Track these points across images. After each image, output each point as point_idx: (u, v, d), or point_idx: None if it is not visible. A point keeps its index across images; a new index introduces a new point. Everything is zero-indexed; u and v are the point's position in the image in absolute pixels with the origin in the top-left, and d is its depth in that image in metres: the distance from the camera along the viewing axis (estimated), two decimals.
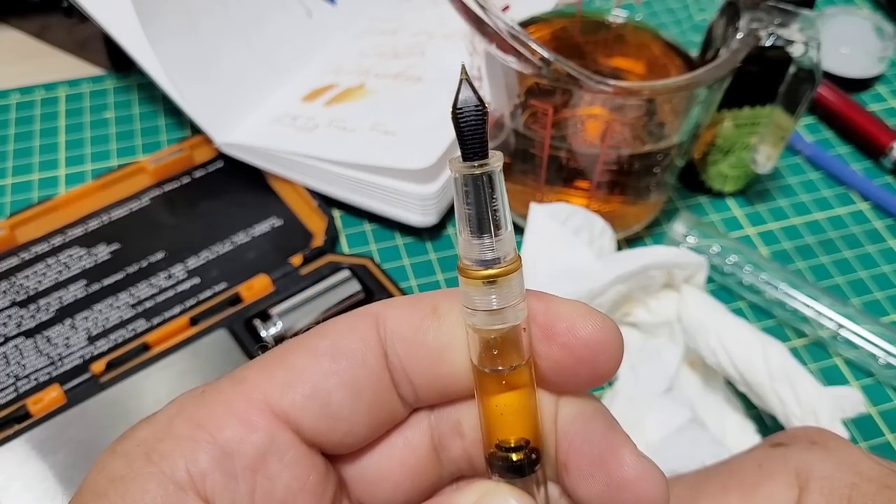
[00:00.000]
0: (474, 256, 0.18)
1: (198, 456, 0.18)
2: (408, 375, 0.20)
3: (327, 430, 0.19)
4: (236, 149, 0.50)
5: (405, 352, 0.20)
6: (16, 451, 0.38)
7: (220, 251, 0.47)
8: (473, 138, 0.17)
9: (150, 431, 0.19)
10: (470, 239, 0.18)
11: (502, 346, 0.18)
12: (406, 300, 0.21)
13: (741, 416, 0.40)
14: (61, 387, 0.40)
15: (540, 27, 0.49)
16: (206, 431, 0.18)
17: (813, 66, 0.41)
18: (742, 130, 0.48)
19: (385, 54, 0.55)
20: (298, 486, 0.19)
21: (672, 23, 0.48)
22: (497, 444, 0.19)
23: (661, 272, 0.41)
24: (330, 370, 0.19)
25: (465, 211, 0.18)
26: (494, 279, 0.18)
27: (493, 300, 0.18)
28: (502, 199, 0.18)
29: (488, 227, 0.17)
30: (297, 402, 0.19)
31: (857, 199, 0.53)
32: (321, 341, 0.20)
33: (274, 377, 0.19)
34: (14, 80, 0.58)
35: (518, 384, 0.19)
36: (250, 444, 0.19)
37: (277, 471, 0.19)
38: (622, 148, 0.43)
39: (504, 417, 0.19)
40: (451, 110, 0.17)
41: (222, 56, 0.51)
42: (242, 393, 0.19)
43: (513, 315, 0.18)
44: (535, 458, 0.19)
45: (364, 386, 0.20)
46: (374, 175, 0.47)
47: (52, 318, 0.44)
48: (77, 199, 0.49)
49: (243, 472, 0.18)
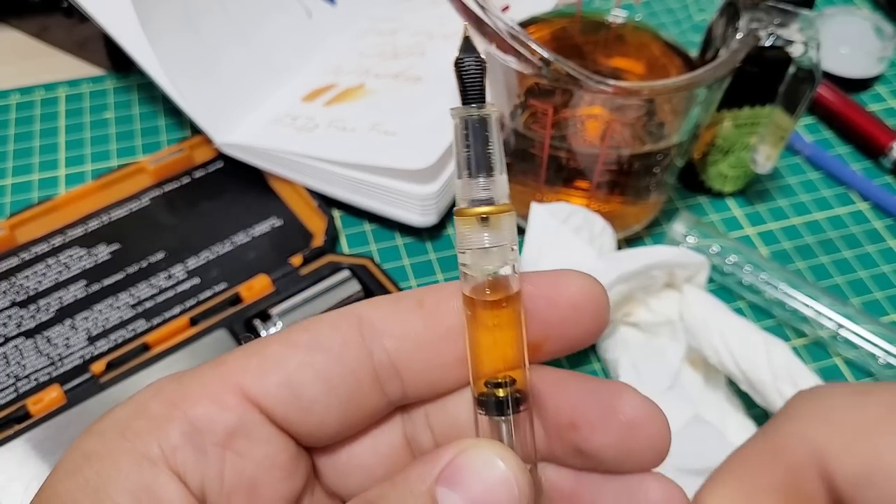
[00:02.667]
0: (470, 196, 0.19)
1: (169, 432, 0.19)
2: (398, 371, 0.21)
3: (298, 419, 0.20)
4: (236, 149, 0.50)
5: (395, 347, 0.20)
6: (16, 452, 0.38)
7: (220, 251, 0.47)
8: (473, 85, 0.19)
9: (126, 411, 0.19)
10: (467, 180, 0.19)
11: (494, 284, 0.19)
12: (389, 298, 0.21)
13: (742, 416, 0.40)
14: (61, 387, 0.40)
15: (540, 27, 0.49)
16: (179, 409, 0.19)
17: (812, 66, 0.41)
18: (742, 130, 0.48)
19: (385, 54, 0.55)
20: (268, 464, 0.20)
21: (672, 23, 0.48)
22: (485, 383, 0.20)
23: (663, 272, 0.41)
24: (305, 362, 0.20)
25: (463, 154, 0.19)
26: (487, 217, 0.19)
27: (485, 238, 0.19)
28: (497, 145, 0.19)
29: (483, 168, 0.19)
30: (269, 389, 0.20)
31: (857, 199, 0.53)
32: (301, 335, 0.20)
33: (250, 363, 0.20)
34: (14, 80, 0.58)
35: (506, 319, 0.20)
36: (220, 423, 0.19)
37: (246, 448, 0.19)
38: (622, 148, 0.43)
39: (492, 350, 0.20)
40: (454, 60, 0.19)
41: (222, 56, 0.51)
42: (218, 376, 0.20)
43: (503, 256, 0.19)
44: (521, 398, 0.20)
45: (338, 382, 0.20)
46: (374, 175, 0.47)
47: (52, 318, 0.44)
48: (77, 199, 0.49)
49: (213, 449, 0.19)
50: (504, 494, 0.18)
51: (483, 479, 0.18)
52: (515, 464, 0.19)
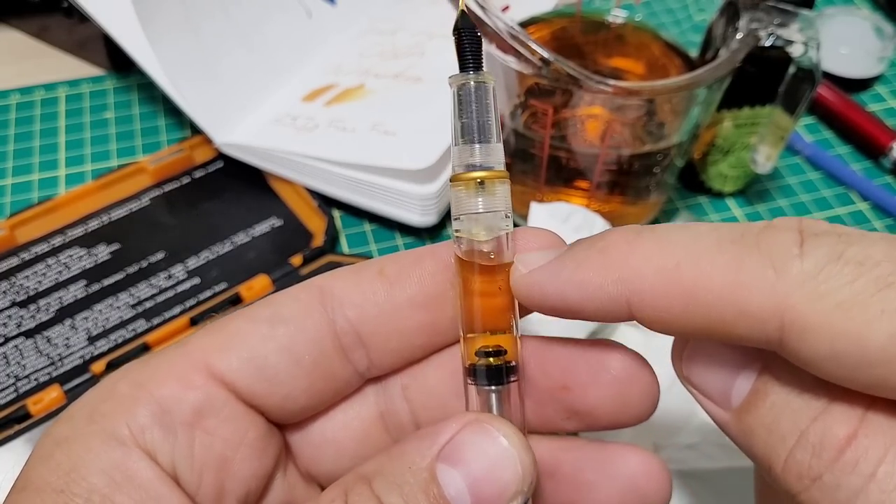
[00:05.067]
0: (465, 162, 0.20)
1: (137, 412, 0.19)
2: (361, 340, 0.21)
3: (264, 393, 0.20)
4: (236, 149, 0.50)
5: (357, 316, 0.20)
6: (16, 451, 0.38)
7: (220, 251, 0.47)
8: (470, 52, 0.19)
9: (94, 395, 0.20)
10: (462, 146, 0.20)
11: (487, 250, 0.20)
12: (350, 269, 0.21)
13: None
14: (61, 387, 0.40)
15: (540, 27, 0.49)
16: (145, 390, 0.19)
17: (812, 66, 0.41)
18: (742, 130, 0.48)
19: (385, 54, 0.55)
20: (237, 441, 0.20)
21: (672, 23, 0.48)
22: (476, 352, 0.20)
23: None
24: (268, 335, 0.20)
25: (459, 121, 0.20)
26: (483, 182, 0.19)
27: (479, 203, 0.19)
28: (494, 113, 0.19)
29: (479, 134, 0.19)
30: (233, 364, 0.20)
31: (857, 199, 0.53)
32: (263, 310, 0.21)
33: (214, 341, 0.20)
34: (14, 80, 0.58)
35: (498, 285, 0.20)
36: (187, 402, 0.19)
37: (214, 426, 0.20)
38: (622, 148, 0.43)
39: (483, 317, 0.20)
40: (453, 30, 0.19)
41: (222, 56, 0.51)
42: (183, 355, 0.20)
43: (498, 223, 0.19)
44: (512, 367, 0.20)
45: (303, 352, 0.20)
46: (374, 175, 0.47)
47: (52, 318, 0.44)
48: (77, 199, 0.49)
49: (182, 427, 0.19)
50: (508, 473, 0.18)
51: (486, 457, 0.18)
52: (519, 441, 0.18)
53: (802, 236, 0.16)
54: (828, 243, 0.16)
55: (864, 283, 0.15)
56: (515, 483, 0.18)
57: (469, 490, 0.18)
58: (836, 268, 0.15)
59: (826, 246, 0.16)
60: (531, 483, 0.18)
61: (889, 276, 0.15)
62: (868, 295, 0.15)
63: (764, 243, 0.16)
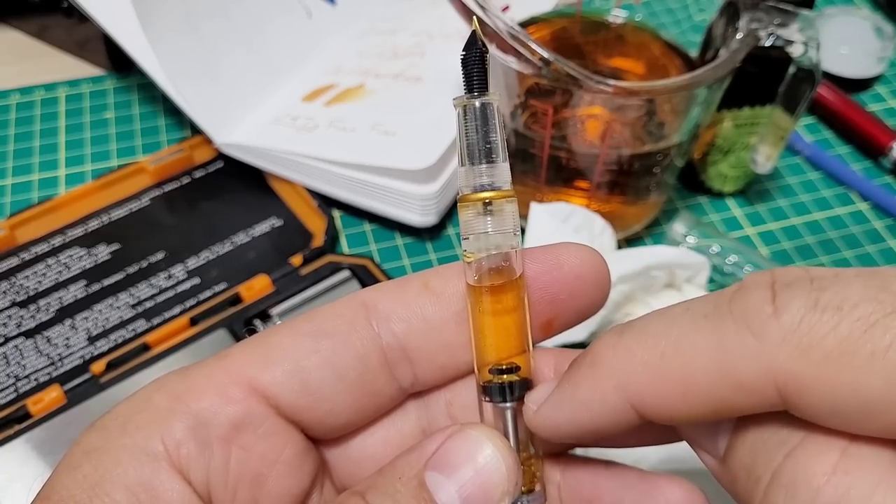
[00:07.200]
0: (472, 183, 0.19)
1: (173, 426, 0.18)
2: (407, 354, 0.20)
3: (307, 407, 0.20)
4: (236, 149, 0.50)
5: (403, 330, 0.20)
6: (16, 452, 0.38)
7: (220, 251, 0.47)
8: (476, 75, 0.19)
9: (129, 406, 0.19)
10: (469, 167, 0.19)
11: (496, 270, 0.20)
12: (394, 283, 0.21)
13: None
14: (61, 387, 0.40)
15: (540, 27, 0.49)
16: (183, 403, 0.19)
17: (812, 66, 0.41)
18: (742, 130, 0.48)
19: (385, 54, 0.55)
20: (273, 458, 0.20)
21: (672, 23, 0.48)
22: (490, 370, 0.20)
23: (663, 272, 0.41)
24: (311, 349, 0.20)
25: (465, 142, 0.19)
26: (490, 202, 0.19)
27: (488, 224, 0.19)
28: (499, 133, 0.19)
29: (485, 155, 0.19)
30: (276, 378, 0.19)
31: (857, 200, 0.53)
32: (306, 324, 0.20)
33: (256, 354, 0.20)
34: (14, 80, 0.58)
35: (509, 304, 0.20)
36: (225, 415, 0.19)
37: (252, 442, 0.19)
38: (622, 148, 0.43)
39: (496, 337, 0.20)
40: (462, 50, 0.20)
41: (222, 56, 0.51)
42: (223, 368, 0.20)
43: (506, 241, 0.19)
44: (526, 384, 0.20)
45: (347, 367, 0.20)
46: (375, 175, 0.47)
47: (52, 318, 0.44)
48: (77, 199, 0.49)
49: (218, 442, 0.19)
50: (495, 476, 0.18)
51: (472, 462, 0.18)
52: (503, 445, 0.19)
53: (774, 290, 0.16)
54: (801, 293, 0.15)
55: (847, 327, 0.14)
56: (502, 484, 0.18)
57: (459, 494, 0.18)
58: (815, 316, 0.15)
59: (800, 296, 0.15)
60: (516, 483, 0.19)
61: (870, 315, 0.14)
62: (854, 339, 0.14)
63: (737, 309, 0.16)
